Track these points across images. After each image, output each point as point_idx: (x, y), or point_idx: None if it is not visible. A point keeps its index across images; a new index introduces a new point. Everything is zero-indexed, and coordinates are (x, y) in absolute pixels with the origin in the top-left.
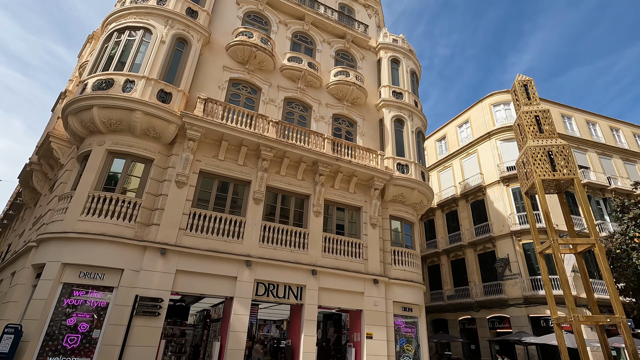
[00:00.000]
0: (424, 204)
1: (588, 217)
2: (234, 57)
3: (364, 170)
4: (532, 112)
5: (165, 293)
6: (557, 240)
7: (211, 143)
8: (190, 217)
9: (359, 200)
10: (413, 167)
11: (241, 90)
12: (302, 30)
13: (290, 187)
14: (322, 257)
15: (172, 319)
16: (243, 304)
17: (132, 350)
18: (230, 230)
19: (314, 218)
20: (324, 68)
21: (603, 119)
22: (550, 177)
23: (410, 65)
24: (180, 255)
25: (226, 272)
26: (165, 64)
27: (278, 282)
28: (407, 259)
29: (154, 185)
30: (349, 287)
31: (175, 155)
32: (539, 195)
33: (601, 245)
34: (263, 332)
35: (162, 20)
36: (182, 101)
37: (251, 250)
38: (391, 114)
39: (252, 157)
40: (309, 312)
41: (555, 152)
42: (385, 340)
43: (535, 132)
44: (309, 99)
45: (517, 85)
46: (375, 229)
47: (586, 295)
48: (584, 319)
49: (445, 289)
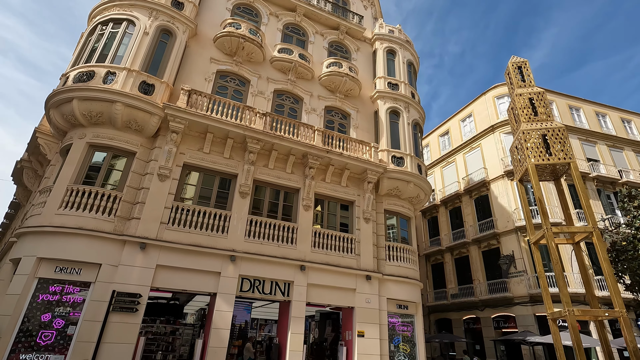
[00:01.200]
0: (421, 198)
1: (585, 204)
2: (222, 49)
3: (356, 163)
4: (526, 95)
5: (144, 289)
6: (550, 228)
7: (196, 136)
8: (173, 211)
9: (351, 194)
10: (409, 160)
11: (229, 83)
12: (294, 22)
13: (278, 181)
14: (312, 253)
15: (165, 317)
16: (226, 300)
17: (107, 347)
18: (215, 225)
19: (304, 212)
20: (317, 60)
21: (614, 110)
22: (545, 162)
23: (407, 56)
24: (161, 250)
25: (209, 268)
26: (148, 56)
27: (264, 278)
28: (402, 254)
29: (136, 179)
30: (340, 283)
31: (159, 148)
32: (532, 181)
33: (599, 234)
34: (264, 331)
35: (146, 11)
36: (165, 93)
37: (236, 245)
38: (386, 105)
39: (239, 150)
40: (297, 309)
41: (551, 135)
42: (378, 339)
43: (530, 115)
44: (300, 90)
45: (510, 67)
46: (369, 224)
47: (585, 289)
48: (579, 314)
49: (449, 287)
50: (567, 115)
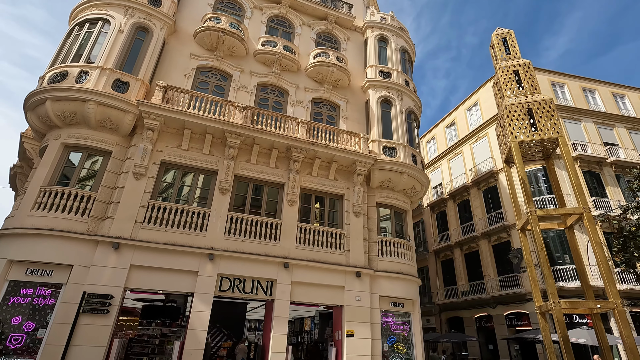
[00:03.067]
0: (417, 190)
1: (575, 183)
2: (202, 45)
3: (343, 155)
4: (511, 67)
5: (117, 289)
6: (535, 211)
7: (174, 132)
8: (149, 209)
9: (340, 188)
10: (402, 150)
11: (210, 78)
12: (279, 14)
13: (261, 176)
14: (296, 249)
15: (161, 319)
16: (204, 300)
17: (76, 350)
18: (193, 223)
19: (288, 207)
20: (303, 51)
21: (632, 90)
22: (530, 139)
23: (401, 43)
24: (135, 250)
25: (186, 267)
26: (122, 54)
27: (245, 277)
28: (397, 249)
29: (111, 178)
30: (328, 280)
31: (135, 147)
32: (515, 159)
33: (590, 215)
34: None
35: (121, 10)
36: (140, 90)
37: (215, 243)
38: (377, 94)
39: (219, 146)
40: (280, 308)
41: (537, 109)
42: (370, 339)
43: (514, 89)
44: (285, 83)
45: (494, 40)
46: (359, 218)
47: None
48: (567, 306)
49: (459, 284)
50: (580, 98)
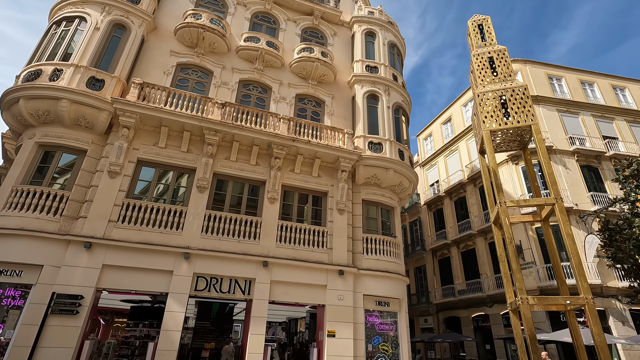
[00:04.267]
0: (404, 186)
1: (548, 171)
2: (183, 41)
3: (326, 151)
4: (485, 54)
5: (88, 290)
6: (504, 202)
7: (151, 130)
8: (123, 208)
9: (324, 185)
10: (388, 145)
11: (190, 75)
12: (263, 10)
13: (242, 173)
14: (277, 247)
15: (148, 321)
16: (178, 300)
17: (43, 351)
18: (169, 221)
19: (269, 205)
20: (288, 47)
21: (633, 82)
22: (502, 127)
23: (389, 38)
24: (108, 249)
25: (161, 266)
26: (98, 51)
27: (222, 276)
28: (383, 247)
29: (86, 177)
30: (309, 279)
31: (111, 145)
32: (487, 149)
33: (562, 205)
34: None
35: (98, 7)
36: (116, 88)
37: (191, 242)
38: (364, 89)
39: (198, 143)
40: (258, 308)
41: (510, 96)
42: (352, 339)
43: (488, 76)
44: (268, 79)
45: (470, 27)
46: (343, 215)
47: (554, 272)
48: (535, 302)
49: (456, 283)
50: (578, 91)
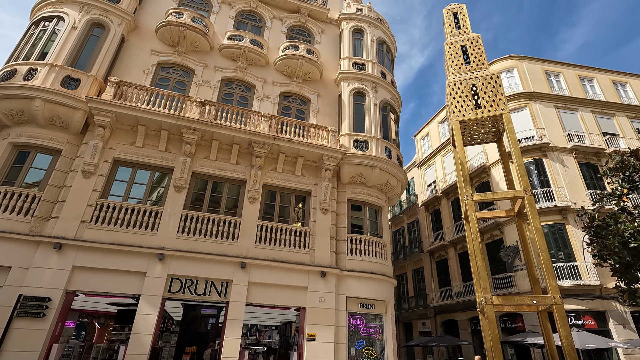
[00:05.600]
0: (392, 185)
1: (518, 162)
2: (164, 40)
3: (309, 149)
4: (458, 42)
5: (57, 292)
6: (472, 196)
7: (128, 129)
8: (97, 208)
9: (307, 184)
10: (374, 143)
11: (171, 74)
12: (248, 9)
13: (221, 173)
14: (256, 248)
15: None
16: (151, 302)
17: (7, 355)
18: (144, 222)
19: (249, 205)
20: (273, 45)
21: (634, 77)
22: (472, 117)
23: (378, 35)
24: (79, 250)
25: (133, 268)
26: (75, 50)
27: (198, 277)
28: (368, 247)
29: (59, 177)
30: (289, 281)
31: (86, 145)
32: (455, 141)
33: (531, 198)
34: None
35: (77, 7)
36: (93, 87)
37: (166, 243)
38: (350, 87)
39: (176, 142)
40: (235, 310)
41: (481, 84)
42: (333, 342)
43: (460, 65)
44: (251, 78)
45: (445, 16)
46: (327, 215)
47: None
48: (499, 302)
49: (454, 285)
50: (577, 87)
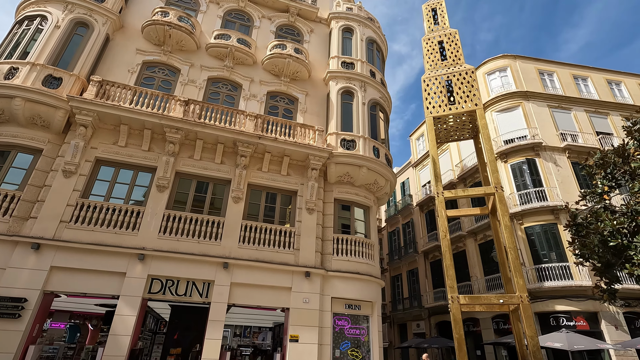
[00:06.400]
0: (380, 185)
1: (490, 159)
2: (150, 40)
3: (294, 149)
4: (435, 38)
5: (33, 292)
6: (442, 193)
7: (111, 129)
8: (77, 208)
9: (293, 183)
10: (361, 142)
11: (157, 73)
12: (237, 8)
13: (206, 172)
14: (239, 248)
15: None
16: (130, 303)
17: None
18: (125, 222)
19: (233, 205)
20: (261, 45)
21: (628, 77)
22: (445, 113)
23: (368, 34)
24: (57, 250)
25: (113, 268)
26: (57, 49)
27: (179, 278)
28: (355, 248)
29: (40, 177)
30: (273, 281)
31: (68, 144)
32: (428, 137)
33: (502, 195)
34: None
35: (60, 6)
36: (75, 86)
37: (147, 243)
38: (338, 86)
39: (160, 142)
40: (216, 311)
41: (456, 80)
42: (317, 344)
43: (436, 61)
44: (238, 77)
45: (424, 11)
46: (313, 215)
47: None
48: (467, 301)
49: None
50: (571, 86)
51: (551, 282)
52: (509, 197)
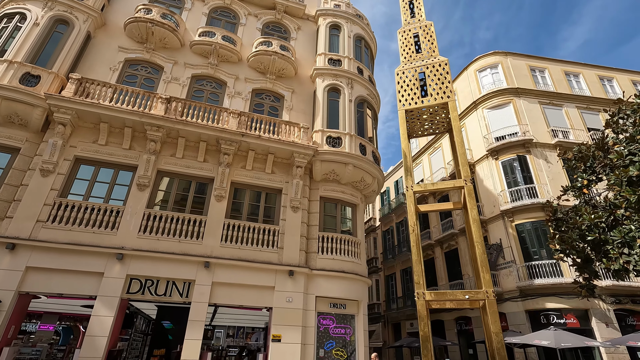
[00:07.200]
0: (367, 183)
1: (460, 151)
2: (132, 37)
3: (278, 146)
4: (411, 30)
5: (7, 293)
6: (412, 187)
7: (91, 127)
8: (55, 207)
9: (278, 182)
10: (347, 140)
11: (139, 71)
12: (222, 5)
13: (188, 171)
14: (221, 247)
15: None
16: (107, 303)
17: None
18: (103, 221)
19: (216, 203)
20: (247, 42)
21: (620, 73)
22: (417, 106)
23: (355, 31)
24: (33, 251)
25: (91, 268)
26: (36, 47)
27: (159, 278)
28: (341, 246)
29: (17, 176)
30: (255, 281)
31: (46, 143)
32: (400, 130)
33: (470, 188)
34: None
35: (40, 3)
36: (54, 84)
37: (126, 242)
38: (325, 83)
39: (141, 140)
40: (197, 311)
41: (429, 72)
42: (300, 344)
43: (411, 54)
44: (223, 74)
45: (401, 4)
46: (297, 213)
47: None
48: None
49: (440, 284)
50: (562, 82)
51: (542, 279)
52: (500, 195)
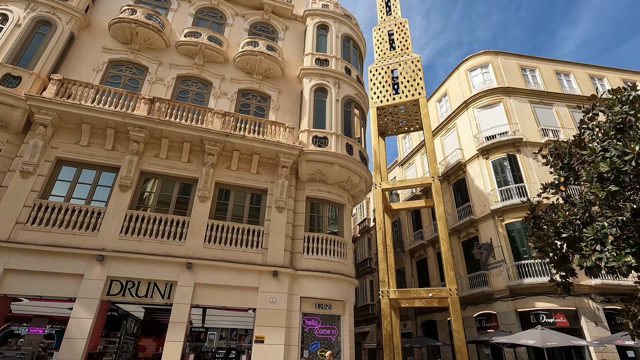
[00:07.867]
0: (354, 182)
1: (428, 148)
2: (117, 38)
3: (263, 146)
4: (386, 28)
5: None
6: (380, 184)
7: (73, 128)
8: (35, 209)
9: (263, 182)
10: (334, 139)
11: (124, 72)
12: (209, 6)
13: (172, 171)
14: (204, 248)
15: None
16: (87, 305)
17: None
18: (84, 222)
19: (199, 204)
20: (234, 42)
21: (611, 71)
22: (389, 103)
23: (344, 30)
24: (12, 253)
25: (70, 270)
26: (17, 48)
27: (140, 279)
28: (326, 246)
29: None
30: (239, 281)
31: (27, 144)
32: (371, 127)
33: (438, 185)
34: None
35: (22, 4)
36: (35, 85)
37: (107, 244)
38: (311, 82)
39: (124, 141)
40: (178, 313)
41: (402, 69)
42: (283, 345)
43: (384, 51)
44: (208, 75)
45: (378, 2)
46: (282, 213)
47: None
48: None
49: (432, 285)
50: (553, 81)
51: (531, 278)
52: (490, 194)
